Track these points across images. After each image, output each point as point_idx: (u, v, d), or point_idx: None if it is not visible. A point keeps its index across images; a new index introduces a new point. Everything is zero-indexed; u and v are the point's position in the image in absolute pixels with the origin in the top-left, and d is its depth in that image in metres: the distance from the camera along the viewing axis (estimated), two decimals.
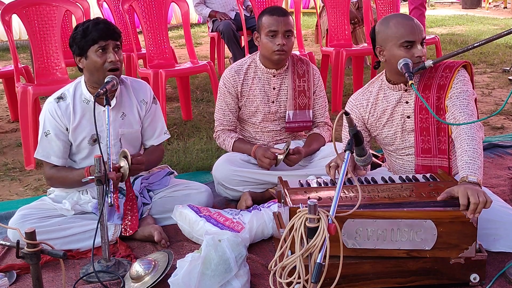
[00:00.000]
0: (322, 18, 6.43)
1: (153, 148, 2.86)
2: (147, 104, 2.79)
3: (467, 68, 2.52)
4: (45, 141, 2.64)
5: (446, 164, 2.48)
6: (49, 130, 2.62)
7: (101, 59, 2.53)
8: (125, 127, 2.71)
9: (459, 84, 2.43)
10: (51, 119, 2.61)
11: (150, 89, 2.85)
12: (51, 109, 2.61)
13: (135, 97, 2.75)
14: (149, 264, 2.23)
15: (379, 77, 2.63)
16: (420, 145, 2.52)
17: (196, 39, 9.27)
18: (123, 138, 2.72)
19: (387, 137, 2.62)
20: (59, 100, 2.63)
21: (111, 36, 2.54)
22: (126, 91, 2.74)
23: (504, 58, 6.95)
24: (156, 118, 2.83)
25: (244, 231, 2.46)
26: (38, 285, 1.79)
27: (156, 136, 2.84)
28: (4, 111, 5.22)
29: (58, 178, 2.65)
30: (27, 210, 2.57)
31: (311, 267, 1.82)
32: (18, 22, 4.72)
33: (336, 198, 1.88)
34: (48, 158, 2.64)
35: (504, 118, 4.55)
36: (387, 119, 2.58)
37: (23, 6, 3.84)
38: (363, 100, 2.65)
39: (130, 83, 2.77)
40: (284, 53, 2.92)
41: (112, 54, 2.53)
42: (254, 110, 3.06)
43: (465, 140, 2.25)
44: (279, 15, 2.90)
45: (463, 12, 12.87)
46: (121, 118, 2.69)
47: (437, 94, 2.46)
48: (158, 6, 4.52)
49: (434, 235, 2.05)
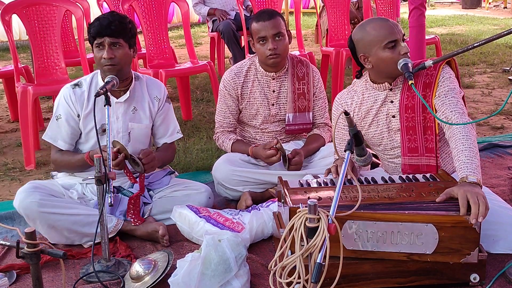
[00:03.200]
0: (322, 18, 6.44)
1: (166, 146, 2.89)
2: (160, 101, 2.82)
3: (451, 64, 2.50)
4: (55, 125, 2.71)
5: (433, 162, 2.47)
6: (61, 115, 2.69)
7: (98, 55, 2.61)
8: (135, 121, 2.75)
9: (446, 82, 2.42)
10: (64, 104, 2.68)
11: (164, 88, 2.90)
12: (65, 94, 2.69)
13: (148, 93, 2.79)
14: (149, 264, 2.23)
15: (362, 77, 2.63)
16: (407, 144, 2.50)
17: (196, 39, 9.27)
18: (132, 133, 2.75)
19: (374, 137, 2.61)
20: (75, 86, 2.71)
21: (107, 33, 2.56)
22: (140, 86, 2.78)
23: (504, 58, 6.96)
24: (169, 116, 2.88)
25: (245, 232, 2.46)
26: (38, 285, 1.79)
27: (169, 134, 2.89)
28: (4, 111, 5.22)
29: (62, 162, 2.72)
30: (38, 183, 2.62)
31: (311, 267, 1.82)
32: (18, 22, 4.72)
33: (336, 198, 1.88)
34: (55, 141, 2.72)
35: (504, 118, 4.55)
36: (372, 119, 2.57)
37: (23, 6, 3.84)
38: (348, 99, 2.64)
39: (145, 80, 2.82)
40: (277, 55, 2.91)
41: (106, 51, 2.57)
42: (254, 112, 3.06)
43: (460, 140, 2.24)
44: (265, 19, 2.88)
45: (463, 12, 12.88)
46: (132, 112, 2.74)
47: (423, 92, 2.44)
48: (158, 6, 4.52)
49: (436, 240, 2.03)
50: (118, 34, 2.59)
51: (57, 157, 2.73)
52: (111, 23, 2.57)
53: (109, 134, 2.37)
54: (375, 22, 2.46)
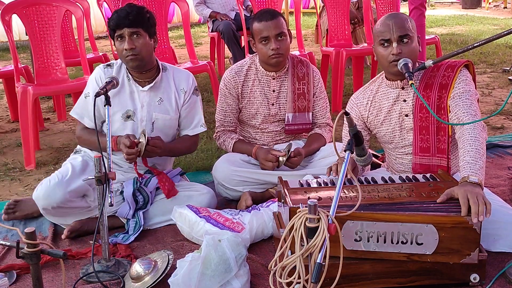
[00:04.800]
0: (322, 18, 6.44)
1: (186, 137, 2.90)
2: (186, 94, 2.83)
3: (469, 67, 2.51)
4: (82, 102, 2.77)
5: (444, 163, 2.48)
6: (89, 93, 2.74)
7: (120, 47, 2.64)
8: (160, 111, 2.77)
9: (461, 84, 2.43)
10: (94, 83, 2.73)
11: (193, 78, 2.89)
12: (97, 73, 2.76)
13: (175, 85, 2.81)
14: (149, 264, 2.22)
15: (380, 76, 2.64)
16: (419, 143, 2.51)
17: (196, 39, 9.27)
18: (156, 123, 2.77)
19: (386, 135, 2.62)
20: (107, 66, 2.78)
21: (126, 24, 2.60)
22: (167, 78, 2.81)
23: (504, 58, 6.95)
24: (195, 109, 2.89)
25: (245, 232, 2.46)
26: (38, 285, 1.79)
27: (192, 127, 2.90)
28: (4, 111, 5.22)
29: (86, 140, 2.78)
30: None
31: (311, 267, 1.82)
32: (18, 22, 4.72)
33: (336, 198, 1.88)
34: (82, 119, 2.79)
35: (504, 118, 4.55)
36: (384, 116, 2.58)
37: (23, 6, 3.84)
38: (364, 99, 2.65)
39: (172, 71, 2.84)
40: (280, 55, 2.91)
41: (127, 42, 2.60)
42: (254, 112, 3.06)
43: (468, 141, 2.25)
44: (267, 19, 2.89)
45: (463, 12, 12.88)
46: (157, 102, 2.76)
47: (439, 93, 2.45)
48: (158, 6, 4.52)
49: (436, 240, 2.03)
50: (137, 23, 2.61)
51: (82, 134, 2.79)
52: (128, 14, 2.60)
53: (109, 134, 2.36)
54: (385, 16, 2.50)
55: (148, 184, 2.74)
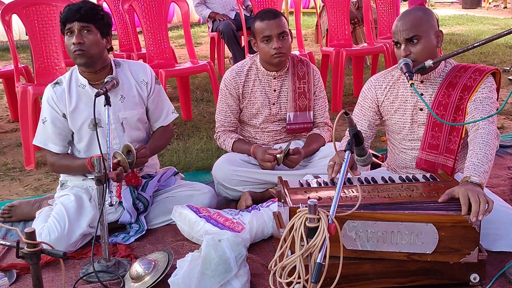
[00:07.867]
0: (322, 18, 6.43)
1: (162, 130, 2.83)
2: (149, 85, 2.74)
3: (495, 76, 2.50)
4: (42, 128, 2.65)
5: (450, 164, 2.47)
6: (46, 117, 2.63)
7: (68, 42, 2.53)
8: (126, 109, 2.67)
9: (485, 89, 2.41)
10: (47, 106, 2.62)
11: (150, 69, 2.80)
12: (47, 95, 2.63)
13: (134, 78, 2.71)
14: (149, 264, 2.23)
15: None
16: (429, 140, 2.50)
17: (196, 39, 9.27)
18: (125, 122, 2.68)
19: (396, 124, 2.60)
20: (55, 85, 2.64)
21: (76, 18, 2.49)
22: (123, 73, 2.69)
23: (504, 58, 6.95)
24: (161, 98, 2.81)
25: (245, 232, 2.46)
26: (38, 285, 1.78)
27: (164, 117, 2.83)
28: (4, 111, 5.22)
29: (61, 166, 2.68)
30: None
31: (311, 267, 1.82)
32: (18, 22, 4.72)
33: (336, 198, 1.88)
34: (46, 145, 2.66)
35: (504, 118, 4.55)
36: (399, 104, 2.57)
37: (23, 6, 3.84)
38: (384, 83, 2.63)
39: (127, 65, 2.73)
40: (282, 54, 2.91)
41: (75, 36, 2.49)
42: (255, 112, 3.07)
43: (479, 144, 2.24)
44: (270, 18, 2.89)
45: (463, 12, 12.87)
46: (120, 101, 2.66)
47: (461, 93, 2.44)
48: (158, 6, 4.52)
49: (436, 239, 2.04)
50: (88, 19, 2.51)
51: (55, 161, 2.67)
52: (81, 8, 2.50)
53: (109, 134, 2.36)
54: (399, 15, 2.49)
55: (146, 189, 2.72)
